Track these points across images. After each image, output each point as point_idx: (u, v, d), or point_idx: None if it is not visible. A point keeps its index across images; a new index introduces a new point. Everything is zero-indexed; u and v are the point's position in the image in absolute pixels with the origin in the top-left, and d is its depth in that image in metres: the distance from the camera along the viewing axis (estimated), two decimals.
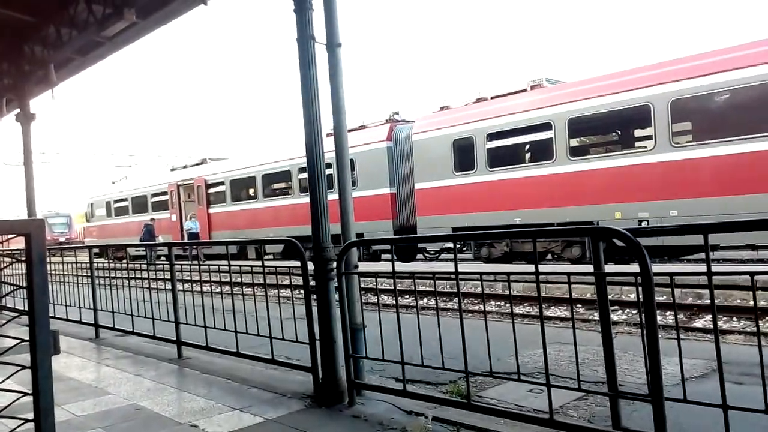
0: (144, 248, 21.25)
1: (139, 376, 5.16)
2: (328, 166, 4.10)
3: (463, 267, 3.56)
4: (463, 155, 15.27)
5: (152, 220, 24.04)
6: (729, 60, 11.04)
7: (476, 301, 10.32)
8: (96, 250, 8.06)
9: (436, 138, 15.92)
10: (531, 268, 3.25)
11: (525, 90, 14.64)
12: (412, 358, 3.69)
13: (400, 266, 14.33)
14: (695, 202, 11.29)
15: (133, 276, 7.16)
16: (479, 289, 10.07)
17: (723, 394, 2.46)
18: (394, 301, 4.20)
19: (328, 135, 4.48)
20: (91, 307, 7.42)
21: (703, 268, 2.56)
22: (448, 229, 15.28)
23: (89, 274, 7.48)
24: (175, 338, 5.87)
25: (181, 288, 5.97)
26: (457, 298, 4.02)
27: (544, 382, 3.11)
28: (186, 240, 21.66)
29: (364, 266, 4.37)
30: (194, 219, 23.10)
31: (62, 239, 40.12)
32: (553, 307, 9.39)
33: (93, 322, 7.39)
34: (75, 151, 42.56)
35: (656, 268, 2.59)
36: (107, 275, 7.47)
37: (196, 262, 6.31)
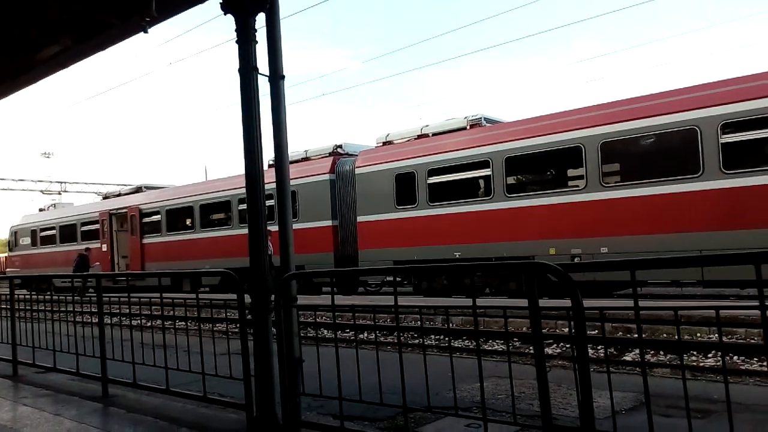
0: (70, 280, 20.21)
1: (59, 416, 4.83)
2: (270, 197, 4.04)
3: (403, 300, 3.57)
4: (405, 190, 15.47)
5: (87, 249, 22.97)
6: (655, 106, 11.76)
7: (416, 335, 10.32)
8: (18, 281, 7.61)
9: (378, 172, 16.08)
10: (469, 302, 3.28)
11: (465, 128, 15.07)
12: (352, 393, 3.63)
13: (340, 299, 14.21)
14: (624, 240, 11.80)
15: (57, 309, 6.77)
16: (419, 323, 10.09)
17: (651, 426, 2.53)
18: (333, 335, 4.15)
19: (270, 166, 4.44)
20: (9, 341, 6.96)
21: (631, 303, 2.67)
22: (390, 262, 15.33)
23: (8, 307, 7.03)
24: (100, 375, 5.56)
25: (108, 321, 5.69)
26: (396, 332, 4.00)
27: (481, 416, 3.12)
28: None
29: (304, 299, 4.31)
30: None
31: None
32: (490, 341, 9.50)
33: (11, 358, 6.92)
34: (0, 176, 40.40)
35: (587, 302, 2.67)
36: (29, 308, 7.04)
37: (126, 295, 6.04)
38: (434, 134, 15.64)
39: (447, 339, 9.37)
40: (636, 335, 8.63)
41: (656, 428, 2.52)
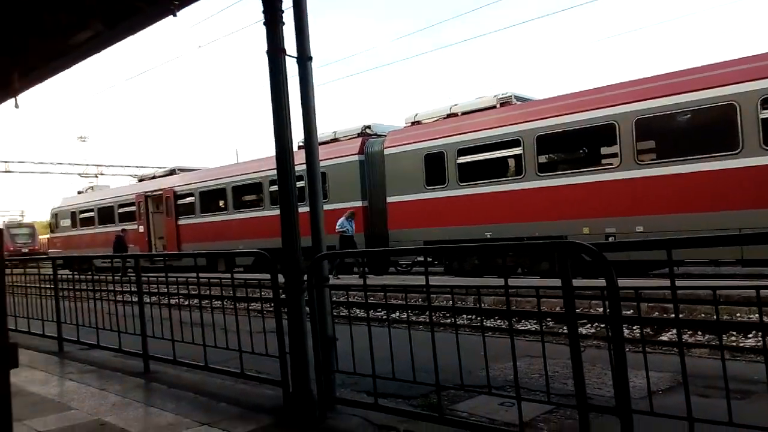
0: (109, 260, 20.79)
1: (104, 391, 5.02)
2: (300, 178, 4.07)
3: (434, 280, 3.58)
4: (435, 170, 15.39)
5: (123, 231, 23.58)
6: (691, 81, 11.40)
7: (448, 315, 10.35)
8: (60, 262, 7.88)
9: (407, 152, 16.02)
10: (501, 281, 3.28)
11: (494, 107, 14.86)
12: (385, 371, 3.68)
13: (372, 279, 14.30)
14: (660, 218, 11.56)
15: (99, 288, 7.00)
16: (451, 302, 10.11)
17: (689, 406, 2.51)
18: (365, 314, 4.19)
19: (300, 147, 4.47)
20: (55, 319, 7.23)
21: (667, 282, 2.63)
22: (420, 242, 15.34)
23: (52, 286, 7.29)
24: (141, 352, 5.75)
25: (148, 300, 5.86)
26: (428, 312, 4.03)
27: (515, 395, 3.13)
28: (338, 244, 15.60)
29: (335, 279, 4.36)
30: (351, 219, 16.35)
31: (25, 250, 38.99)
32: (523, 321, 9.47)
33: (56, 335, 7.19)
34: (39, 159, 41.55)
35: (622, 282, 2.65)
36: (71, 287, 7.28)
37: (163, 275, 6.19)
38: (463, 113, 15.46)
39: (479, 318, 9.39)
40: (673, 315, 8.49)
41: (694, 409, 2.50)
